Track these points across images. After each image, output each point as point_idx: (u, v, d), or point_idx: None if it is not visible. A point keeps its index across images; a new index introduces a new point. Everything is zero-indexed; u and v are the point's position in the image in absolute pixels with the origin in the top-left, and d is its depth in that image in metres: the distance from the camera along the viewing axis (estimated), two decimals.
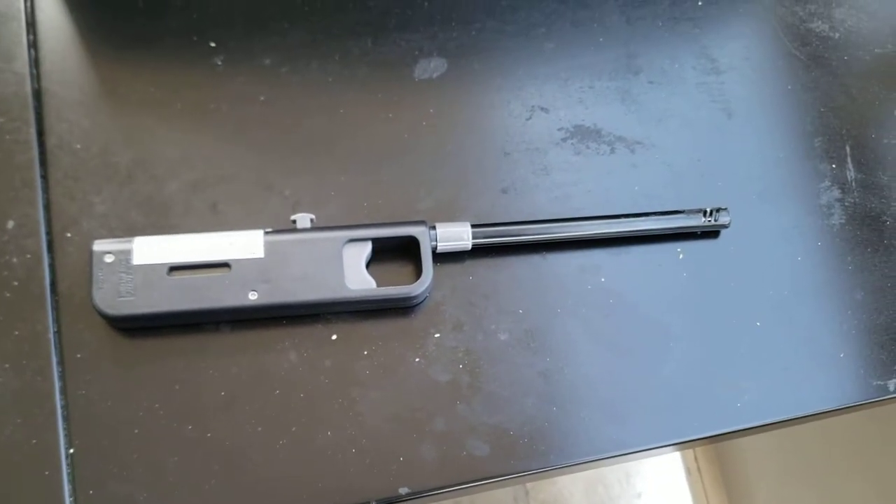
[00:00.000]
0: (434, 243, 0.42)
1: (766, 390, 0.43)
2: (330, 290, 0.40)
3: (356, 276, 0.41)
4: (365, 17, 0.46)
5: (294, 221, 0.41)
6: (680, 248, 0.44)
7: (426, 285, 0.41)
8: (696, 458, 1.30)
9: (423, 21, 0.47)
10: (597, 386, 0.42)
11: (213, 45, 0.45)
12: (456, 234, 0.42)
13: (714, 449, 1.26)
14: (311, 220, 0.42)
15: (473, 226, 0.42)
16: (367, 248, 0.41)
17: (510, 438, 0.40)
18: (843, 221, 0.46)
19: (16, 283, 0.40)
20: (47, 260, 0.40)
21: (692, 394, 0.42)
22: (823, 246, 0.45)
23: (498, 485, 0.41)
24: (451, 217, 0.43)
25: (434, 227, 0.42)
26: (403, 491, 0.39)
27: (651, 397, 0.42)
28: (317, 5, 0.46)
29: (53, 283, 0.40)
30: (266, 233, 0.40)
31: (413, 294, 0.41)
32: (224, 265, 0.40)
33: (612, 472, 1.31)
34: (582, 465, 0.42)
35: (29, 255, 0.40)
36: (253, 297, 0.40)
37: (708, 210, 0.44)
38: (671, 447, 0.43)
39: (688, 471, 1.31)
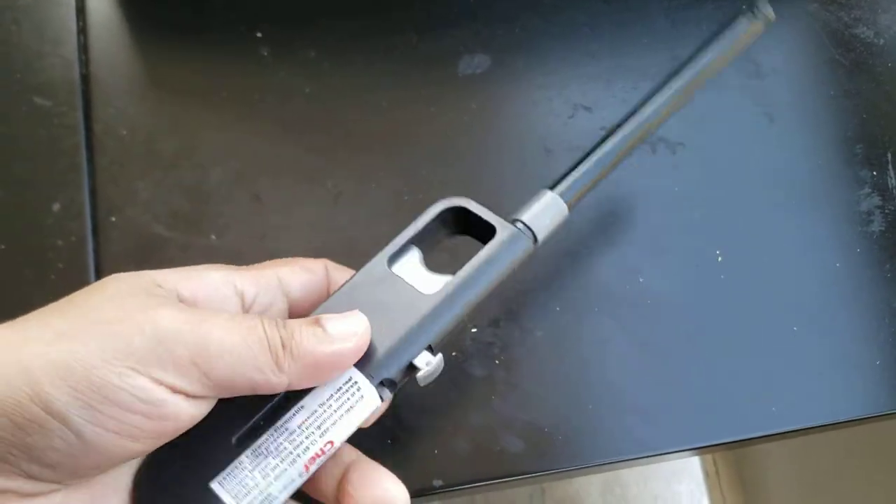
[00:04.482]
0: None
1: (801, 396, 0.43)
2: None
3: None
4: (410, 13, 0.47)
5: None
6: (719, 251, 0.44)
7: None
8: (714, 462, 1.30)
9: (468, 18, 0.47)
10: (631, 387, 0.42)
11: (259, 35, 0.45)
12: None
13: (733, 453, 1.26)
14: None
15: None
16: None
17: (545, 435, 0.40)
18: (882, 229, 0.46)
19: (60, 266, 0.40)
20: (91, 244, 0.41)
21: (727, 397, 0.42)
22: (862, 253, 0.45)
23: (530, 482, 0.42)
24: (492, 208, 0.43)
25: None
26: (437, 484, 0.40)
27: (686, 400, 0.42)
28: (363, 0, 0.47)
29: (97, 267, 0.41)
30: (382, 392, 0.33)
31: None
32: None
33: (629, 474, 1.31)
34: (614, 465, 0.42)
35: (74, 239, 0.41)
36: None
37: None
38: (705, 450, 0.43)
39: (706, 474, 1.31)
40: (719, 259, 0.44)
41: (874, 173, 0.47)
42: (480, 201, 0.40)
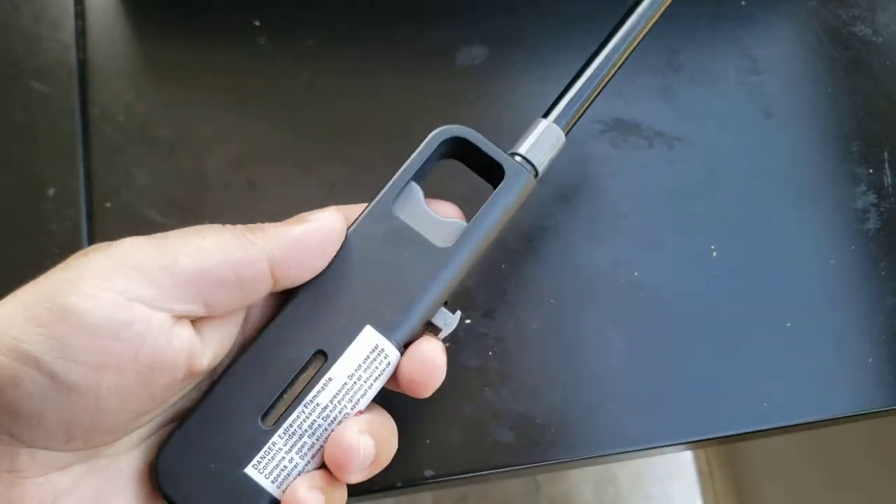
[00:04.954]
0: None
1: (793, 392, 0.43)
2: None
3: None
4: (409, 3, 0.47)
5: None
6: (714, 247, 0.44)
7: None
8: (708, 462, 1.30)
9: (466, 9, 0.47)
10: (625, 380, 0.42)
11: (257, 23, 0.45)
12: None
13: (726, 452, 1.26)
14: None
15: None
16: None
17: (537, 427, 0.41)
18: (877, 226, 0.46)
19: (55, 251, 0.40)
20: (86, 229, 0.41)
21: (719, 392, 0.42)
22: (857, 250, 0.45)
23: (522, 473, 0.42)
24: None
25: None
26: (428, 474, 0.40)
27: (678, 394, 0.42)
28: None
29: None
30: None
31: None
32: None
33: (622, 472, 1.31)
34: (607, 458, 0.42)
35: (68, 224, 0.41)
36: None
37: None
38: (696, 444, 0.43)
39: (699, 473, 1.31)
40: (714, 254, 0.44)
41: (870, 171, 0.47)
42: (477, 195, 0.40)
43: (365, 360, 0.31)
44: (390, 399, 0.40)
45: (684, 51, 0.47)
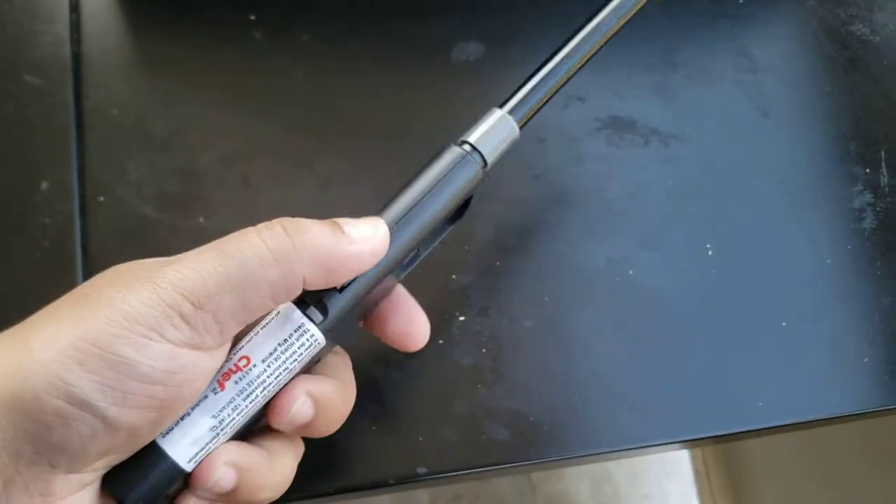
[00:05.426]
0: (484, 166, 0.34)
1: (788, 391, 0.43)
2: (384, 294, 0.35)
3: None
4: None
5: None
6: (710, 245, 0.44)
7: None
8: (704, 462, 1.30)
9: (462, 5, 0.47)
10: (619, 379, 0.42)
11: (252, 18, 0.45)
12: (500, 138, 0.34)
13: (723, 453, 1.26)
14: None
15: (503, 107, 0.35)
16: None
17: (530, 425, 0.40)
18: (874, 226, 0.46)
19: (47, 244, 0.40)
20: (79, 223, 0.41)
21: (714, 391, 0.42)
22: (853, 250, 0.45)
23: (515, 471, 0.42)
24: (483, 198, 0.43)
25: (468, 145, 0.34)
26: (421, 471, 0.39)
27: (674, 393, 0.42)
28: None
29: (85, 247, 0.40)
30: (324, 328, 0.30)
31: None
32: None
33: (619, 472, 1.31)
34: (600, 456, 0.42)
35: (61, 218, 0.41)
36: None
37: None
38: (689, 443, 0.42)
39: (696, 473, 1.31)
40: (710, 253, 0.44)
41: (867, 170, 0.47)
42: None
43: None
44: (384, 396, 0.40)
45: (682, 49, 0.47)
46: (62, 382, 0.25)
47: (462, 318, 0.41)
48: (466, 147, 0.34)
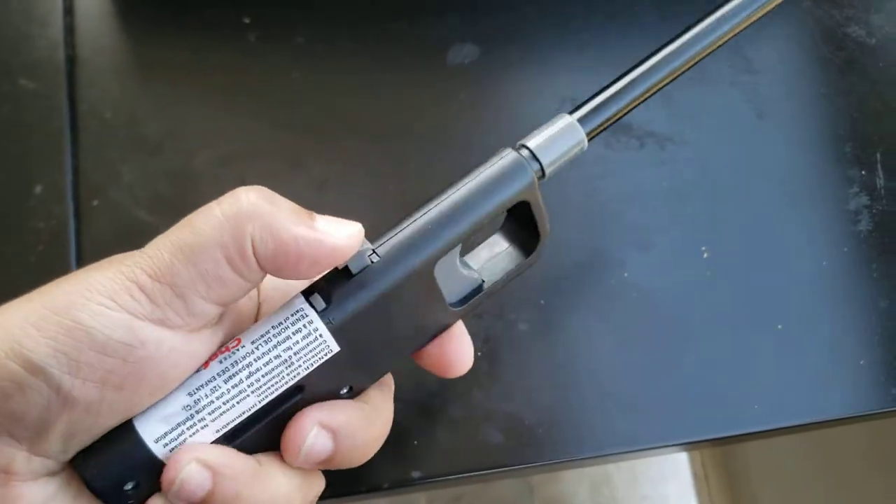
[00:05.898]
0: (542, 176, 0.31)
1: (785, 394, 0.42)
2: (434, 326, 0.31)
3: (455, 283, 0.31)
4: (400, 0, 0.46)
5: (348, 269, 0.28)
6: (705, 248, 0.44)
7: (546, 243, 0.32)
8: (703, 464, 1.30)
9: (458, 6, 0.47)
10: (615, 382, 0.42)
11: (247, 20, 0.45)
12: (564, 149, 0.31)
13: (721, 455, 1.26)
14: (372, 255, 0.28)
15: (573, 113, 0.31)
16: (457, 248, 0.30)
17: (525, 428, 0.40)
18: (870, 228, 0.45)
19: (41, 248, 0.40)
20: (73, 227, 0.41)
21: (710, 394, 0.42)
22: (849, 252, 0.45)
23: (510, 475, 0.41)
24: None
25: (527, 150, 0.30)
26: (416, 475, 0.39)
27: (669, 396, 0.42)
28: None
29: (79, 250, 0.40)
30: (325, 317, 0.28)
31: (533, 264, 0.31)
32: (297, 389, 0.29)
33: (618, 474, 1.31)
34: (595, 459, 0.41)
35: (55, 221, 0.41)
36: (345, 391, 0.31)
37: None
38: (686, 446, 0.42)
39: (694, 476, 1.31)
40: (705, 255, 0.44)
41: (863, 172, 0.47)
42: None
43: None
44: None
45: None
46: (19, 346, 0.24)
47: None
48: (525, 152, 0.31)
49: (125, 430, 0.27)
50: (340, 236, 0.28)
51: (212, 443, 0.28)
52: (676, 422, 0.41)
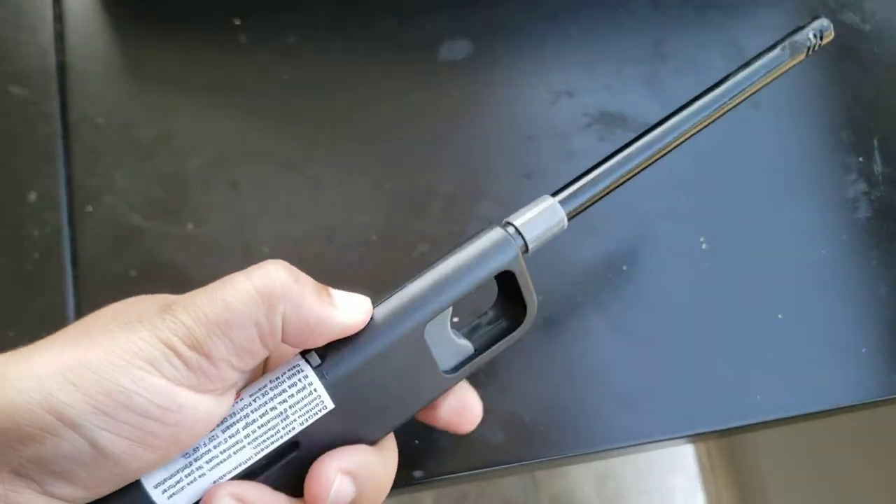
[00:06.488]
0: (525, 251, 0.34)
1: (786, 384, 0.42)
2: (428, 392, 0.32)
3: (448, 351, 0.33)
4: None
5: None
6: (703, 239, 0.44)
7: (534, 316, 0.34)
8: (708, 456, 1.30)
9: (449, 2, 0.46)
10: (615, 376, 0.41)
11: (237, 22, 0.45)
12: (546, 227, 0.34)
13: (728, 447, 1.26)
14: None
15: (555, 195, 0.34)
16: (448, 311, 0.33)
17: (525, 426, 0.40)
18: (868, 216, 0.45)
19: (36, 256, 0.40)
20: (68, 234, 0.41)
21: (711, 386, 0.42)
22: (848, 240, 0.45)
23: (511, 472, 0.41)
24: (473, 197, 0.43)
25: (512, 227, 0.33)
26: (418, 475, 0.39)
27: (670, 388, 0.41)
28: None
29: (74, 257, 0.40)
30: (320, 372, 0.30)
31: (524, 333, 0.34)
32: (292, 445, 0.30)
33: (623, 468, 1.31)
34: (597, 455, 0.41)
35: (49, 229, 0.40)
36: None
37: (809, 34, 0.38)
38: (688, 439, 0.42)
39: (700, 468, 1.31)
40: (704, 247, 0.44)
41: (860, 160, 0.46)
42: (462, 189, 0.40)
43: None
44: None
45: (670, 40, 0.47)
46: (56, 400, 0.25)
47: (456, 319, 0.41)
48: (510, 229, 0.33)
49: (131, 484, 0.28)
50: (356, 313, 0.30)
51: None
52: (677, 414, 0.41)
